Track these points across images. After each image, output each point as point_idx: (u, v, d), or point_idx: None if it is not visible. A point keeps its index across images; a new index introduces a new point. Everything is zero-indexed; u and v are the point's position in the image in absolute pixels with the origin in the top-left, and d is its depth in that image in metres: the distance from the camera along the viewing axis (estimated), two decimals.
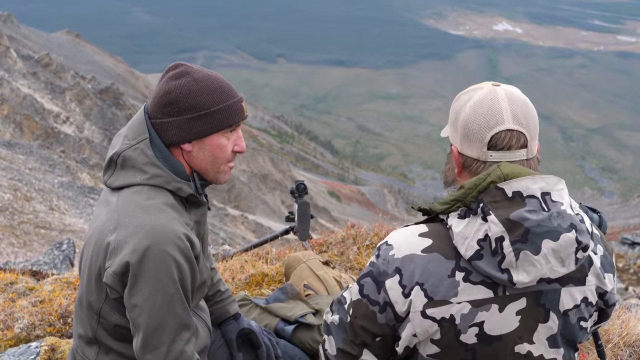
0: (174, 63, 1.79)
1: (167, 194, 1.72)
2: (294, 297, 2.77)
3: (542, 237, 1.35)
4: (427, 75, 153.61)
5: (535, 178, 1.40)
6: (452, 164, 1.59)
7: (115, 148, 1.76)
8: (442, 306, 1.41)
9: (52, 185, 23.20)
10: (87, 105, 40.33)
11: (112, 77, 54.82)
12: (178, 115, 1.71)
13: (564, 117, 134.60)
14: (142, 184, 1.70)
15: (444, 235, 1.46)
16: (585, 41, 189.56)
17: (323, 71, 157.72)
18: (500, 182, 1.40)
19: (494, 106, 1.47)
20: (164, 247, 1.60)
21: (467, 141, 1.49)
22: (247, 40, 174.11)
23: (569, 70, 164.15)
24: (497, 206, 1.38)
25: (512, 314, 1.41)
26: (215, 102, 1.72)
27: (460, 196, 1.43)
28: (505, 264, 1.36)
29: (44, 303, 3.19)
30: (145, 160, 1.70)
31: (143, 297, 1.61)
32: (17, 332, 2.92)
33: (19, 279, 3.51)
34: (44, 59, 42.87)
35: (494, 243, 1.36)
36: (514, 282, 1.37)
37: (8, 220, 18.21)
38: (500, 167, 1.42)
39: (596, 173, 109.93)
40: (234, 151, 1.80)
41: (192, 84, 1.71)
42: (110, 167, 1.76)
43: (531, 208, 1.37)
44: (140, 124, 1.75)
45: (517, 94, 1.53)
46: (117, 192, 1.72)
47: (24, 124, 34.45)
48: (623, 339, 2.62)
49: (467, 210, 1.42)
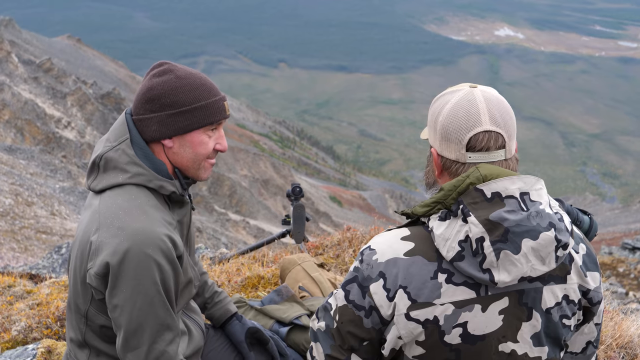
0: (159, 62, 1.81)
1: (149, 193, 1.73)
2: (289, 298, 2.79)
3: (522, 236, 1.37)
4: (429, 81, 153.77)
5: (513, 178, 1.42)
6: (432, 166, 1.60)
7: (97, 152, 1.77)
8: (426, 308, 1.42)
9: (53, 190, 23.24)
10: (89, 110, 40.43)
11: (113, 82, 54.95)
12: (159, 111, 1.73)
13: (565, 123, 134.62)
14: (124, 183, 1.71)
15: (425, 238, 1.47)
16: (586, 47, 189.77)
17: (325, 76, 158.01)
18: (479, 183, 1.42)
19: (471, 108, 1.48)
20: (144, 249, 1.61)
21: (446, 143, 1.50)
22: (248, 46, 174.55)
23: (571, 75, 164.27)
24: (476, 207, 1.39)
25: (495, 313, 1.43)
26: (197, 99, 1.73)
27: (441, 198, 1.45)
28: (487, 264, 1.38)
29: (41, 306, 3.20)
30: (126, 159, 1.72)
31: (124, 297, 1.61)
32: (14, 335, 2.94)
33: (17, 282, 3.52)
34: (46, 64, 43.00)
35: (475, 244, 1.38)
36: (496, 282, 1.38)
37: (9, 225, 18.24)
38: (479, 168, 1.44)
39: (597, 178, 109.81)
40: (216, 149, 1.81)
41: (174, 81, 1.73)
42: (94, 171, 1.77)
43: (510, 208, 1.38)
44: (121, 126, 1.77)
45: (494, 95, 1.54)
46: (99, 195, 1.73)
47: (25, 128, 34.53)
48: (616, 341, 2.62)
49: (448, 212, 1.44)
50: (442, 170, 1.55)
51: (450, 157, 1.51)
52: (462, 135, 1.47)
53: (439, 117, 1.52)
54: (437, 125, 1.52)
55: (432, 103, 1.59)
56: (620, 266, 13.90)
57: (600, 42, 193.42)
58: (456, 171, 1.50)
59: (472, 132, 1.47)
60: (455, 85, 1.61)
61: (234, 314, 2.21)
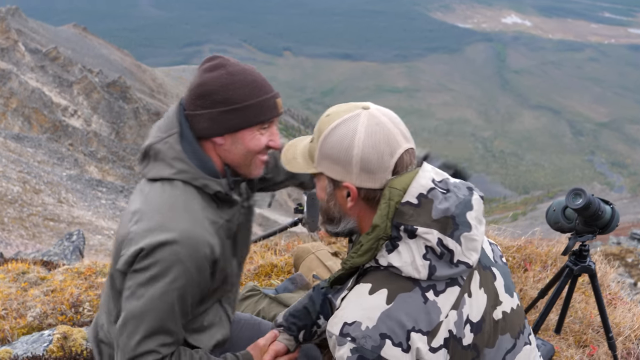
0: (211, 55, 1.76)
1: (195, 190, 1.71)
2: (303, 287, 2.78)
3: (464, 213, 1.41)
4: (435, 69, 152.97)
5: (419, 173, 1.44)
6: (335, 201, 1.50)
7: (149, 140, 1.77)
8: (440, 330, 1.40)
9: (60, 178, 23.32)
10: (95, 98, 40.47)
11: (119, 70, 54.93)
12: (211, 108, 1.69)
13: (573, 111, 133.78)
14: (172, 178, 1.70)
15: (387, 276, 1.42)
16: (595, 34, 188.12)
17: (330, 64, 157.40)
18: (401, 199, 1.41)
19: (385, 132, 1.43)
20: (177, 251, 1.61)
21: (367, 175, 1.43)
22: (253, 34, 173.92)
23: (579, 63, 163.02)
24: (415, 218, 1.39)
25: (478, 290, 1.46)
26: (249, 96, 1.69)
27: (380, 234, 1.40)
28: (456, 257, 1.40)
29: (56, 292, 3.22)
30: (172, 154, 1.70)
31: (139, 283, 1.62)
32: (29, 321, 2.95)
33: (31, 269, 3.54)
34: (52, 53, 43.01)
35: (437, 248, 1.38)
36: (471, 265, 1.42)
37: (17, 213, 18.33)
38: (393, 186, 1.41)
39: (605, 168, 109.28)
40: (269, 146, 1.77)
41: (226, 77, 1.69)
42: (145, 158, 1.77)
43: (439, 198, 1.41)
44: (172, 118, 1.75)
45: (387, 111, 1.50)
46: (150, 183, 1.73)
47: (33, 117, 34.62)
48: (634, 332, 2.61)
49: (391, 241, 1.41)
50: (358, 201, 1.47)
51: (375, 187, 1.44)
52: (386, 163, 1.42)
53: (352, 150, 1.42)
54: (351, 160, 1.42)
55: (324, 138, 1.46)
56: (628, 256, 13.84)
57: (610, 29, 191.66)
58: (375, 197, 1.45)
59: (396, 157, 1.43)
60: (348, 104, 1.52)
61: None
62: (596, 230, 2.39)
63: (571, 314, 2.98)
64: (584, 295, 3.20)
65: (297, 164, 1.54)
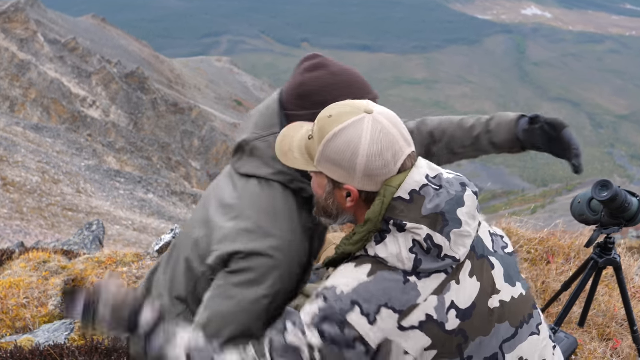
0: (310, 54, 1.74)
1: (291, 194, 1.70)
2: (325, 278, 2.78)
3: (455, 209, 1.42)
4: (454, 61, 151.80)
5: (413, 170, 1.45)
6: (334, 199, 1.51)
7: (244, 134, 1.75)
8: (414, 311, 1.40)
9: (79, 168, 23.56)
10: (113, 89, 40.77)
11: (137, 61, 55.25)
12: (311, 109, 1.66)
13: (593, 104, 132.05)
14: (267, 178, 1.68)
15: (375, 261, 1.45)
16: (616, 26, 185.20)
17: (348, 56, 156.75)
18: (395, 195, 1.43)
19: (389, 139, 1.43)
20: (275, 258, 1.61)
21: (369, 179, 1.44)
22: (271, 25, 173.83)
23: (599, 55, 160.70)
24: (406, 214, 1.41)
25: (468, 279, 1.46)
26: (349, 98, 1.63)
27: (372, 228, 1.43)
28: (444, 252, 1.41)
29: (77, 281, 3.24)
30: (272, 154, 1.67)
31: (232, 283, 1.62)
32: (51, 309, 2.98)
33: (52, 258, 3.57)
34: (71, 44, 43.36)
35: (425, 243, 1.40)
36: (458, 259, 1.43)
37: (37, 203, 18.56)
38: (389, 185, 1.43)
39: (625, 160, 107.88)
40: None
41: (327, 77, 1.66)
42: (239, 152, 1.76)
43: (431, 195, 1.42)
44: (272, 114, 1.73)
45: (389, 112, 1.49)
46: (244, 179, 1.72)
47: (52, 107, 34.98)
48: None
49: (380, 233, 1.44)
50: (358, 201, 1.49)
51: (375, 190, 1.45)
52: (390, 169, 1.43)
53: (357, 158, 1.41)
54: (355, 167, 1.42)
55: (327, 142, 1.44)
56: None
57: (631, 21, 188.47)
58: (375, 197, 1.46)
59: (400, 163, 1.44)
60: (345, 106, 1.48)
61: (518, 117, 2.10)
62: (622, 223, 2.35)
63: (594, 307, 2.94)
64: (607, 288, 3.16)
65: (295, 160, 1.53)
